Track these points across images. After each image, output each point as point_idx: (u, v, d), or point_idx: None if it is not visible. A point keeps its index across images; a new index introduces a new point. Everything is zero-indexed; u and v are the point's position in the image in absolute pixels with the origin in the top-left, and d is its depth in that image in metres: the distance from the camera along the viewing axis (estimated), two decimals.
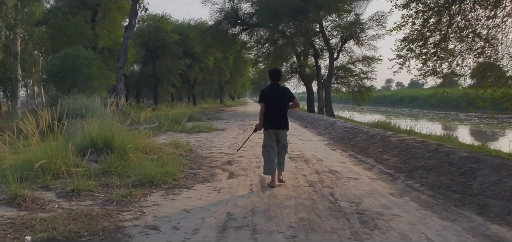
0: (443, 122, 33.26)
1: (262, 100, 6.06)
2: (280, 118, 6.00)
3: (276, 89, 6.05)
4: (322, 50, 29.39)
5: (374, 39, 26.17)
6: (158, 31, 37.58)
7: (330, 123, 15.05)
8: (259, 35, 31.35)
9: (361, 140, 10.33)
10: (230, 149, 9.97)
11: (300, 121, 19.33)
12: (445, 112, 44.05)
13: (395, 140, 9.03)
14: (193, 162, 8.12)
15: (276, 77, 6.11)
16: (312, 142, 11.35)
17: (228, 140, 11.99)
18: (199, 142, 11.53)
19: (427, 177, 6.15)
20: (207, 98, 64.81)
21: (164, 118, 15.87)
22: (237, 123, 19.59)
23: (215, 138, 12.49)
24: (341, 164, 7.79)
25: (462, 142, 14.15)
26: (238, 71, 49.14)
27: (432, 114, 41.44)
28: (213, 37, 31.61)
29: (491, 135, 22.33)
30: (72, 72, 19.32)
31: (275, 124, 5.99)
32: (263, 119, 6.06)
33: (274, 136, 6.05)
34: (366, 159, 8.14)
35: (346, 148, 9.89)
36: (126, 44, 21.75)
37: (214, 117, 23.09)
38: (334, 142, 11.12)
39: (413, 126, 21.11)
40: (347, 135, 11.64)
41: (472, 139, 18.61)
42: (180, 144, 10.26)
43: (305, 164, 7.86)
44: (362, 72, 29.52)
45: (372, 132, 10.76)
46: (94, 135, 7.63)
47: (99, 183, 6.01)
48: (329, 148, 9.98)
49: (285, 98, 6.02)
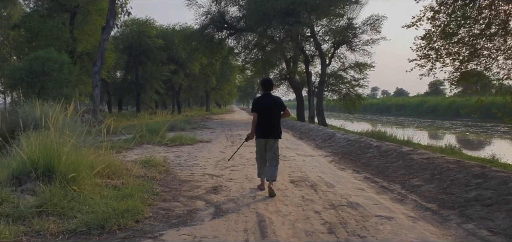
0: (433, 130, 32.18)
1: (254, 110, 6.07)
2: (272, 127, 6.02)
3: (268, 99, 6.06)
4: (313, 56, 27.72)
5: (368, 44, 24.59)
6: (141, 35, 35.60)
7: (328, 134, 13.24)
8: (247, 40, 29.56)
9: (373, 156, 8.53)
10: (217, 168, 8.05)
11: (293, 131, 17.49)
12: (431, 121, 43.30)
13: (419, 158, 7.25)
14: (168, 188, 6.18)
15: (268, 87, 6.16)
16: (313, 158, 9.50)
17: (213, 155, 10.06)
18: (179, 157, 9.58)
19: (492, 218, 4.34)
20: (193, 105, 62.60)
21: (141, 128, 13.91)
22: (224, 132, 17.66)
23: (198, 152, 10.56)
24: (359, 192, 5.95)
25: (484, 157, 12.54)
26: (224, 78, 47.28)
27: (418, 123, 40.68)
28: (199, 42, 29.68)
29: (494, 144, 20.84)
30: (41, 77, 17.17)
31: (267, 133, 6.02)
32: (255, 129, 6.07)
33: (263, 144, 6.08)
34: (390, 185, 6.32)
35: (357, 167, 8.06)
36: (103, 47, 19.69)
37: (199, 127, 21.10)
38: (340, 158, 9.29)
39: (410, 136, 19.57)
40: (353, 150, 9.83)
41: (485, 150, 17.10)
42: (155, 161, 8.32)
43: (313, 191, 5.99)
44: (354, 79, 27.90)
45: (384, 146, 8.98)
46: (34, 156, 5.66)
47: (27, 229, 4.09)
48: (336, 167, 8.14)
49: (277, 108, 6.05)
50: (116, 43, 36.15)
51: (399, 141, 14.65)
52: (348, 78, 28.01)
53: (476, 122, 38.43)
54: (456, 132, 30.34)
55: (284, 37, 26.67)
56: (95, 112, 19.27)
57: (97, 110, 19.58)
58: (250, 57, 29.96)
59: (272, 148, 6.02)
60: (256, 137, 6.09)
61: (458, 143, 20.43)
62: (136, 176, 6.86)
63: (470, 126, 34.82)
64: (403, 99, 68.92)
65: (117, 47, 35.34)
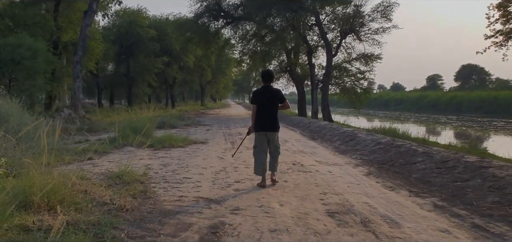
0: (433, 125, 30.29)
1: (254, 101, 5.93)
2: (270, 120, 5.82)
3: (268, 91, 5.90)
4: (316, 46, 25.33)
5: (378, 33, 22.20)
6: (132, 25, 32.95)
7: (347, 133, 10.91)
8: (245, 30, 27.10)
9: (427, 169, 6.21)
10: (215, 186, 5.70)
11: (301, 128, 15.10)
12: (428, 115, 41.69)
13: (505, 175, 4.95)
14: (141, 231, 3.82)
15: (268, 79, 5.99)
16: (341, 168, 7.17)
17: (210, 163, 7.71)
18: (166, 167, 7.21)
19: None
20: (187, 100, 60.00)
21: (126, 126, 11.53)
22: (221, 130, 15.28)
23: (191, 159, 8.19)
24: (442, 236, 3.64)
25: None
26: (220, 71, 44.79)
27: (414, 117, 39.03)
28: (193, 32, 27.14)
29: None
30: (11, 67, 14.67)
31: (266, 125, 5.83)
32: (254, 123, 5.90)
33: (265, 137, 5.85)
34: (487, 223, 4.00)
35: (410, 184, 5.74)
36: (85, 34, 17.20)
37: (193, 123, 18.67)
38: (377, 169, 6.96)
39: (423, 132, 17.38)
40: (391, 157, 7.52)
41: None
42: (132, 174, 5.98)
43: (371, 236, 3.66)
44: (359, 72, 25.56)
45: (436, 154, 6.67)
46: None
47: None
48: (381, 185, 5.82)
49: (275, 100, 5.86)
50: (106, 33, 33.57)
51: (415, 139, 12.42)
52: (353, 70, 25.68)
53: (472, 117, 36.81)
54: (458, 126, 28.47)
55: (285, 26, 24.29)
56: (76, 107, 16.79)
57: (79, 105, 17.11)
58: (248, 48, 27.53)
59: (274, 141, 5.88)
60: (256, 130, 5.90)
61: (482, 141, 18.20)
62: (98, 203, 4.52)
63: (466, 120, 33.50)
64: (402, 93, 66.81)
65: (108, 38, 32.77)
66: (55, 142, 9.17)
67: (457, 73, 67.50)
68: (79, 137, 13.17)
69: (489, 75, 65.50)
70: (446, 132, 23.76)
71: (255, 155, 5.91)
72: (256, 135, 5.93)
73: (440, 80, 75.44)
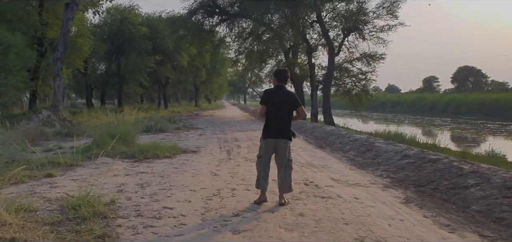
0: (441, 129, 28.99)
1: (264, 102, 4.91)
2: (282, 126, 4.82)
3: (281, 93, 4.90)
4: (316, 45, 23.74)
5: (384, 31, 20.63)
6: (124, 23, 31.18)
7: (361, 142, 9.29)
8: (241, 28, 25.45)
9: (489, 196, 4.62)
10: (205, 223, 4.06)
11: (305, 134, 13.43)
12: (428, 118, 40.60)
13: None
14: None
15: (283, 78, 5.01)
16: (366, 191, 5.57)
17: (201, 182, 6.05)
18: (144, 189, 5.54)
19: None
20: (181, 100, 58.19)
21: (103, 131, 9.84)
22: (215, 135, 13.63)
23: (178, 176, 6.53)
24: None
25: None
26: (215, 71, 43.05)
27: (415, 120, 37.84)
28: (187, 29, 25.42)
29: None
30: None
31: (276, 132, 4.82)
32: (263, 128, 4.94)
33: (273, 147, 4.85)
34: None
35: (473, 222, 4.14)
36: (66, 28, 15.50)
37: (185, 126, 16.98)
38: (415, 193, 5.36)
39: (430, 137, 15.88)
40: (427, 175, 5.92)
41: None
42: (94, 203, 4.34)
43: None
44: (361, 73, 24.02)
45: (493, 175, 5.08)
46: None
47: None
48: (430, 220, 4.23)
49: (288, 105, 4.85)
50: (98, 31, 31.80)
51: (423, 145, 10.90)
52: (354, 71, 24.13)
53: (466, 119, 35.67)
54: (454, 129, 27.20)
55: (283, 23, 22.71)
56: (56, 108, 15.04)
57: (59, 106, 15.36)
58: (244, 47, 25.90)
59: (284, 151, 4.86)
60: (264, 137, 4.93)
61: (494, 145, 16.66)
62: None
63: (461, 123, 32.45)
64: (399, 95, 65.46)
65: (99, 36, 31.00)
66: (13, 151, 7.44)
67: (454, 75, 66.37)
68: (54, 142, 11.49)
69: (486, 77, 64.46)
70: (468, 138, 22.21)
71: (258, 166, 4.95)
72: (262, 142, 4.96)
73: (436, 82, 74.34)
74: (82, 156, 7.91)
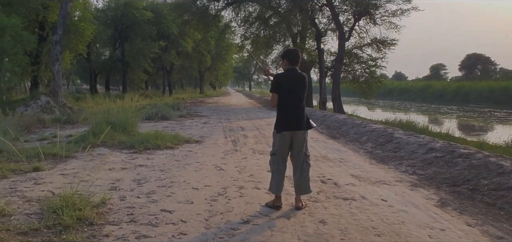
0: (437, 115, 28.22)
1: (277, 89, 4.13)
2: (298, 115, 4.10)
3: (295, 76, 4.15)
4: (325, 30, 22.85)
5: (396, 15, 19.67)
6: (127, 7, 30.43)
7: (378, 133, 8.53)
8: (247, 12, 24.57)
9: None
10: (210, 232, 3.39)
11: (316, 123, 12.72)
12: (427, 105, 39.96)
13: None
14: None
15: (296, 60, 4.20)
16: (393, 190, 4.87)
17: (205, 178, 5.38)
18: (141, 186, 4.88)
19: None
20: (186, 87, 57.44)
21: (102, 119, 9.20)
22: (220, 123, 12.94)
23: (179, 170, 5.86)
24: None
25: None
26: (220, 57, 42.19)
27: (415, 107, 36.99)
28: (191, 14, 24.58)
29: None
30: None
31: (292, 123, 4.09)
32: (276, 120, 4.19)
33: (289, 141, 4.09)
34: None
35: None
36: (66, 10, 14.78)
37: (189, 113, 16.31)
38: (450, 194, 4.66)
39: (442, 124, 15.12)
40: (460, 173, 5.19)
41: None
42: (81, 205, 3.69)
43: None
44: (371, 59, 23.11)
45: None
46: None
47: None
48: (478, 230, 3.55)
49: (303, 89, 4.16)
50: (101, 16, 31.12)
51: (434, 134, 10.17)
52: (364, 57, 23.24)
53: (473, 107, 34.76)
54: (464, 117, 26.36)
55: (291, 7, 21.84)
56: (56, 94, 14.41)
57: (59, 92, 14.72)
58: (250, 32, 25.04)
59: (301, 145, 4.10)
60: (278, 130, 4.10)
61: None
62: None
63: (467, 111, 31.59)
64: (406, 83, 64.25)
65: (102, 20, 30.31)
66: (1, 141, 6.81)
67: (462, 63, 64.96)
68: (51, 130, 10.87)
69: (494, 65, 63.04)
70: (475, 126, 21.39)
71: (273, 165, 4.18)
72: (276, 137, 4.17)
73: (444, 69, 72.93)
74: (77, 146, 7.28)
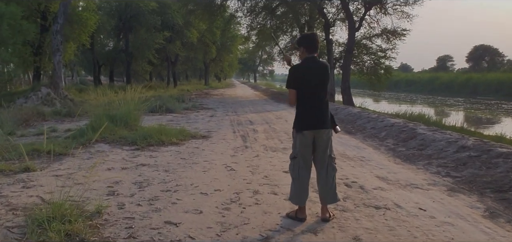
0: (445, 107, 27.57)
1: (294, 85, 3.43)
2: (321, 112, 3.42)
3: (315, 66, 3.42)
4: (334, 20, 22.11)
5: (408, 4, 18.89)
6: None
7: (399, 128, 7.89)
8: (254, 2, 23.83)
9: None
10: None
11: None
12: (434, 97, 39.28)
13: None
14: None
15: (313, 47, 3.45)
16: (429, 196, 4.27)
17: (215, 181, 4.80)
18: (142, 190, 4.29)
19: None
20: (191, 78, 56.80)
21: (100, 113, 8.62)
22: (228, 117, 12.34)
23: (186, 170, 5.28)
24: None
25: None
26: (225, 49, 41.47)
27: (421, 99, 36.41)
28: (196, 3, 23.90)
29: None
30: None
31: (316, 120, 3.41)
32: (295, 118, 3.51)
33: (311, 141, 3.41)
34: None
35: None
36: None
37: (195, 106, 15.71)
38: (497, 201, 4.05)
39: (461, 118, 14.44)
40: (504, 176, 4.57)
41: None
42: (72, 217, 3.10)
43: None
44: (380, 50, 22.38)
45: None
46: None
47: None
48: None
49: (326, 81, 3.46)
50: (105, 6, 30.51)
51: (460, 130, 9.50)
52: (373, 48, 22.50)
53: (479, 99, 33.99)
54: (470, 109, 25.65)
55: None
56: (57, 85, 13.86)
57: (60, 83, 14.19)
58: (256, 22, 24.34)
59: (325, 146, 3.43)
60: (298, 129, 3.43)
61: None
62: None
63: (473, 103, 30.89)
64: (413, 74, 63.26)
65: (104, 10, 29.69)
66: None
67: (469, 54, 63.70)
68: (51, 123, 10.34)
69: (502, 56, 61.79)
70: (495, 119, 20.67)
71: (293, 171, 3.52)
72: (297, 137, 3.50)
73: (451, 61, 71.67)
74: (74, 142, 6.72)
